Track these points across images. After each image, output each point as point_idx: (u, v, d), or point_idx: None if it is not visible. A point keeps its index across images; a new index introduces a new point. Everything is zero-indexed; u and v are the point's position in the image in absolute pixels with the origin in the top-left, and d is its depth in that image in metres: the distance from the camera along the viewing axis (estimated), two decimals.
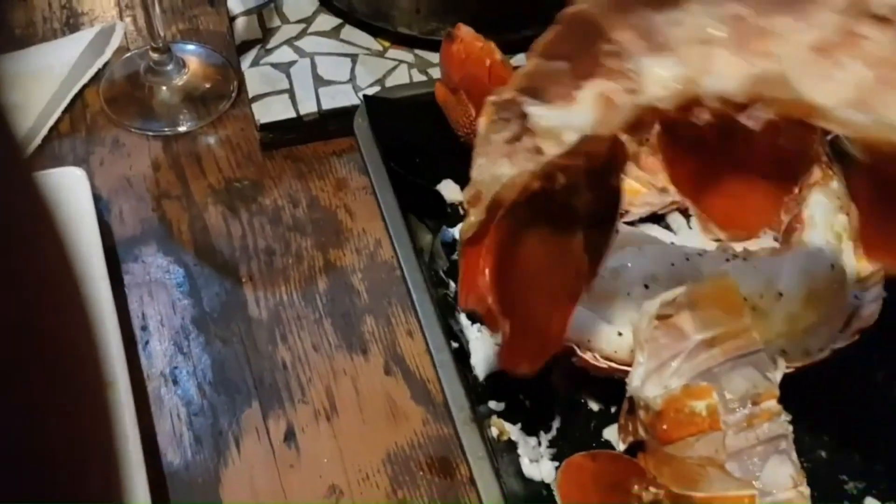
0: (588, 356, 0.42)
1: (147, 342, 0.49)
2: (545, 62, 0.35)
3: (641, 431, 0.41)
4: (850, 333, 0.43)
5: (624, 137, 0.35)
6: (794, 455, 0.40)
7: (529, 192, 0.36)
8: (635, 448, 0.42)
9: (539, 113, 0.35)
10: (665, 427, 0.40)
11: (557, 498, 0.41)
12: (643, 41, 0.33)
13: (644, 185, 0.53)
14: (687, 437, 0.39)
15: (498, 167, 0.37)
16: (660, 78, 0.33)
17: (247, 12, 0.63)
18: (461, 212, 0.51)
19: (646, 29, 0.33)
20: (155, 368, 0.48)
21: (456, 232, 0.51)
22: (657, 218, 0.52)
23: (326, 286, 0.52)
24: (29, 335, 0.14)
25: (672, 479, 0.41)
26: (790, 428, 0.40)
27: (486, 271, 0.37)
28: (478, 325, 0.47)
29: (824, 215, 0.46)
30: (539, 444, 0.43)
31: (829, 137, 0.52)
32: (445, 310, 0.46)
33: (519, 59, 0.61)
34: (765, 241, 0.48)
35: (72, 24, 0.66)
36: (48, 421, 0.14)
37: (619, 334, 0.42)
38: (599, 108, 0.34)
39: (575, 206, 0.38)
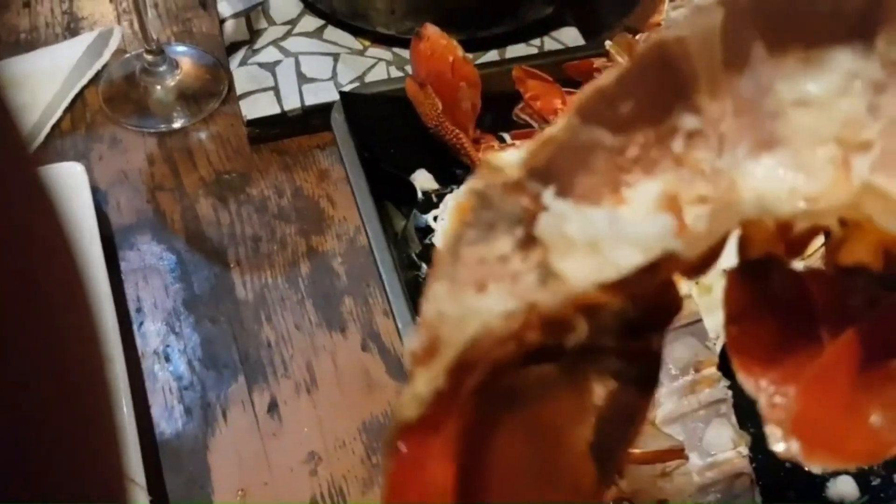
0: None
1: (142, 323, 0.53)
2: (583, 126, 0.21)
3: None
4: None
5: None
6: (734, 419, 0.43)
7: (523, 347, 0.21)
8: None
9: (565, 211, 0.21)
10: None
11: None
12: (745, 119, 0.21)
13: None
14: None
15: (472, 299, 0.21)
16: (764, 186, 0.20)
17: (235, 15, 0.66)
18: (434, 199, 0.54)
19: (752, 100, 0.21)
20: (149, 347, 0.52)
21: (429, 218, 0.54)
22: None
23: (308, 270, 0.55)
24: (34, 307, 0.15)
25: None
26: (729, 393, 0.43)
27: (447, 492, 0.20)
28: None
29: None
30: None
31: None
32: (415, 290, 0.49)
33: (487, 57, 0.64)
34: None
35: (72, 28, 0.69)
36: (49, 390, 0.15)
37: None
38: (669, 216, 0.20)
39: (588, 378, 0.22)
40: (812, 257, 0.28)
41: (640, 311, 0.21)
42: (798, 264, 0.21)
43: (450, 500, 0.20)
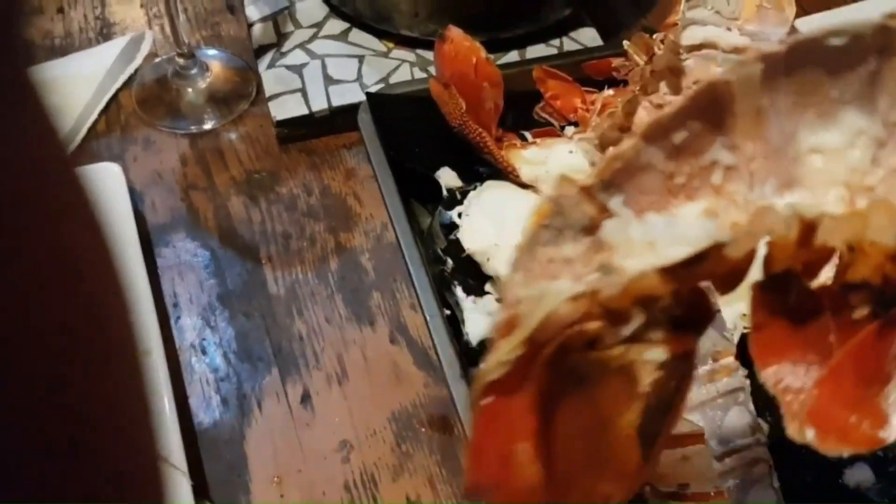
0: None
1: (178, 318, 0.55)
2: (646, 148, 0.25)
3: None
4: None
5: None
6: (752, 406, 0.45)
7: (586, 334, 0.25)
8: None
9: (629, 216, 0.25)
10: None
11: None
12: (772, 160, 0.25)
13: None
14: None
15: (545, 285, 0.26)
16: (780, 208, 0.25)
17: (263, 19, 0.68)
18: (458, 196, 0.56)
19: (778, 144, 0.25)
20: (186, 341, 0.54)
21: (454, 215, 0.56)
22: None
23: (337, 265, 0.57)
24: (74, 301, 0.15)
25: None
26: (747, 382, 0.45)
27: (530, 435, 0.25)
28: (472, 296, 0.52)
29: None
30: None
31: None
32: (441, 283, 0.51)
33: (508, 57, 0.66)
34: None
35: (105, 33, 0.72)
36: (81, 378, 0.15)
37: None
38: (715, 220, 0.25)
39: (638, 368, 0.26)
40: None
41: (683, 310, 0.25)
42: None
43: (532, 442, 0.25)
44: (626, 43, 0.57)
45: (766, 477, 0.45)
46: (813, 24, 0.68)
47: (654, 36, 0.57)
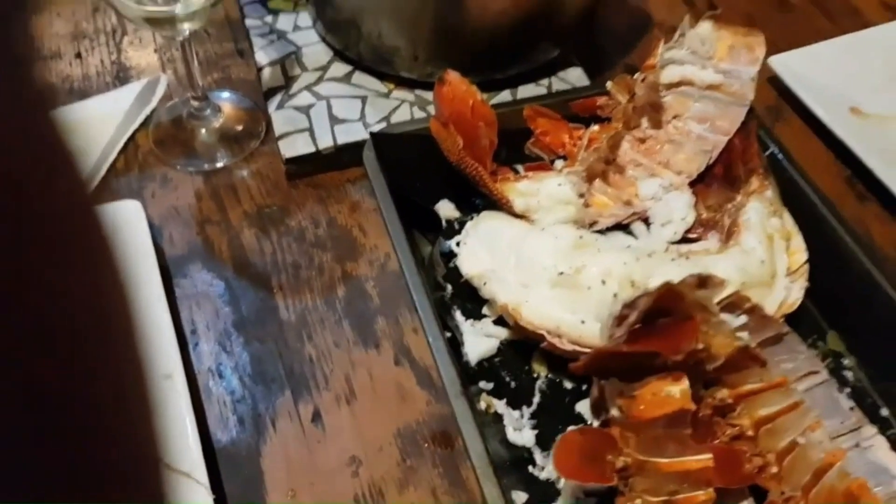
0: (556, 341, 0.50)
1: (196, 344, 0.58)
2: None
3: (614, 411, 0.48)
4: (779, 317, 0.51)
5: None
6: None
7: None
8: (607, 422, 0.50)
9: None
10: (642, 408, 0.47)
11: (553, 466, 0.48)
12: None
13: (612, 199, 0.62)
14: (661, 415, 0.46)
15: None
16: None
17: (272, 63, 0.73)
18: (456, 226, 0.60)
19: None
20: (203, 365, 0.57)
21: (452, 244, 0.60)
22: (623, 226, 0.61)
23: (344, 293, 0.61)
24: (91, 329, 0.16)
25: (637, 447, 0.49)
26: None
27: None
28: (471, 319, 0.56)
29: (759, 219, 0.55)
30: (522, 416, 0.52)
31: (766, 153, 0.61)
32: (441, 308, 0.55)
33: (501, 96, 0.71)
34: (709, 243, 0.56)
35: (121, 77, 0.76)
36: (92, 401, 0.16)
37: (583, 322, 0.51)
38: None
39: None
40: None
41: None
42: None
43: None
44: (609, 84, 0.62)
45: None
46: (788, 62, 0.73)
47: (635, 76, 0.62)
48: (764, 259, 0.52)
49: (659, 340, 0.41)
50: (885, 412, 0.51)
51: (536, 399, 0.53)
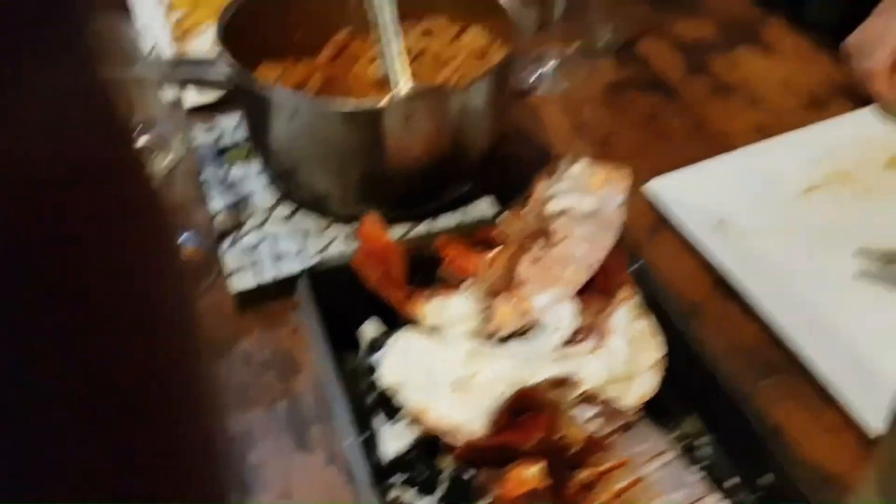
0: (452, 439, 0.60)
1: None
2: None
3: (491, 492, 0.57)
4: (638, 405, 0.61)
5: None
6: None
7: None
8: None
9: None
10: (509, 488, 0.56)
11: None
12: None
13: (513, 309, 0.72)
14: (522, 494, 0.55)
15: None
16: None
17: (225, 209, 0.85)
18: (378, 343, 0.70)
19: None
20: None
21: (374, 358, 0.70)
22: (520, 333, 0.71)
23: (286, 406, 0.71)
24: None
25: None
26: None
27: None
28: (391, 421, 0.65)
29: (625, 323, 0.66)
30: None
31: (635, 266, 0.72)
32: (365, 411, 0.65)
33: (420, 229, 0.83)
34: (587, 344, 0.67)
35: None
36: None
37: (475, 420, 0.60)
38: None
39: None
40: None
41: None
42: None
43: None
44: (498, 219, 0.74)
45: None
46: (665, 184, 0.85)
47: (522, 212, 0.74)
48: (626, 358, 0.63)
49: (514, 433, 0.51)
50: (733, 481, 0.60)
51: (443, 487, 0.62)
